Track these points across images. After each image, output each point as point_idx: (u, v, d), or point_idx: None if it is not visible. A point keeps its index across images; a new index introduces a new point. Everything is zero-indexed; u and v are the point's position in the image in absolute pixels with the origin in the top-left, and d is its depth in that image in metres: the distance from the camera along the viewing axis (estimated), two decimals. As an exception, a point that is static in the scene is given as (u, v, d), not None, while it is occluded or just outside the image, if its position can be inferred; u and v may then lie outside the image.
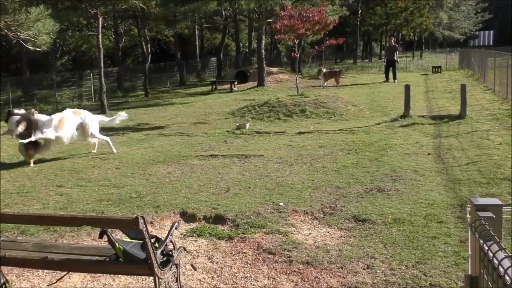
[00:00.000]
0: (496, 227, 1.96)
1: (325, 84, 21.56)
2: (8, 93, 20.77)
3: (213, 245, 4.84)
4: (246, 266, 4.34)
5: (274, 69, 26.92)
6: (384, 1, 37.13)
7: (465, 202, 5.42)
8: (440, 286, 3.78)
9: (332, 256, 4.39)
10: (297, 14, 16.14)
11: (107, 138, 9.77)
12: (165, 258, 3.35)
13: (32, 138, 8.59)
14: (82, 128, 9.32)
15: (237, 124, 12.44)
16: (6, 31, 10.11)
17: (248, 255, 4.55)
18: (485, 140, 9.01)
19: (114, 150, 9.64)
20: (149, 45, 25.19)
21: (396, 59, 22.13)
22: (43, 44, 10.93)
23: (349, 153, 8.61)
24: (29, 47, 11.21)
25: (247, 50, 35.21)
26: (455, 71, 27.18)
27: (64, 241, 4.97)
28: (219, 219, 5.51)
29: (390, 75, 21.99)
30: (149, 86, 24.02)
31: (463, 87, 11.62)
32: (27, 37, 10.37)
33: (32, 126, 8.58)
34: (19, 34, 10.15)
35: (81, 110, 9.78)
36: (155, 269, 3.13)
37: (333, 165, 7.76)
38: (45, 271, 4.24)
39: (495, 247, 1.71)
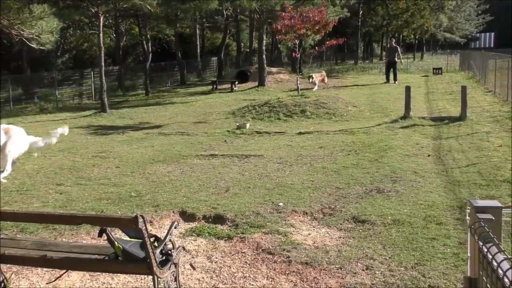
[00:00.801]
0: (495, 229, 1.96)
1: (317, 88, 20.20)
2: (9, 91, 20.76)
3: (212, 244, 4.84)
4: (245, 266, 4.34)
5: (274, 69, 26.91)
6: (385, 1, 37.12)
7: (465, 204, 5.42)
8: (439, 288, 3.78)
9: (331, 257, 4.39)
10: (298, 15, 16.15)
11: (8, 171, 7.62)
12: (164, 257, 3.35)
13: None
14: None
15: (237, 124, 12.44)
16: (9, 29, 10.11)
17: (247, 255, 4.55)
18: (485, 142, 9.01)
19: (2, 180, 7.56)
20: (150, 44, 25.18)
21: (399, 59, 22.16)
22: (47, 42, 10.93)
23: (349, 154, 8.61)
24: (34, 45, 11.21)
25: (248, 50, 35.21)
26: (456, 72, 27.18)
27: (64, 239, 4.97)
28: (218, 219, 5.52)
29: (391, 76, 21.99)
30: (149, 85, 24.03)
31: (463, 89, 11.61)
32: (30, 36, 10.37)
33: None
34: (22, 32, 10.15)
35: (12, 127, 7.84)
36: (154, 268, 3.13)
37: (333, 165, 7.76)
38: (44, 269, 4.24)
39: (494, 249, 1.71)
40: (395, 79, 21.71)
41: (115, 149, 10.15)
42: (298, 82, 17.13)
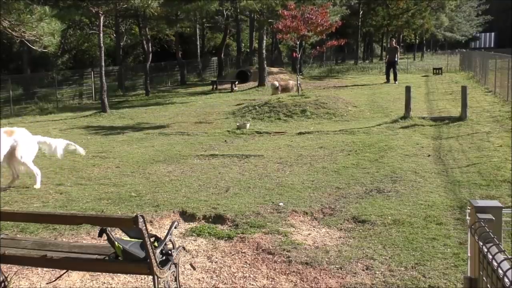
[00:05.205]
0: (495, 229, 1.96)
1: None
2: (9, 91, 20.76)
3: (212, 244, 4.84)
4: (245, 266, 4.34)
5: (274, 69, 26.93)
6: (385, 1, 37.13)
7: (465, 204, 5.42)
8: (439, 288, 3.78)
9: (331, 257, 4.39)
10: (300, 15, 16.12)
11: (38, 171, 7.37)
12: (164, 257, 3.35)
13: None
14: (11, 151, 7.10)
15: (238, 124, 12.44)
16: (10, 31, 10.11)
17: (248, 255, 4.55)
18: (485, 142, 9.01)
19: (39, 186, 7.24)
20: (150, 44, 25.18)
21: (396, 60, 22.17)
22: (50, 45, 10.93)
23: (349, 154, 8.61)
24: (36, 48, 11.20)
25: (248, 50, 35.22)
26: (456, 72, 27.18)
27: (64, 239, 4.97)
28: (218, 219, 5.52)
29: (391, 76, 22.00)
30: (149, 85, 24.03)
31: (463, 88, 11.61)
32: (32, 38, 10.37)
33: None
34: (23, 34, 10.15)
35: (16, 129, 7.40)
36: (154, 268, 3.13)
37: (333, 165, 7.76)
38: (44, 269, 4.24)
39: (494, 249, 1.71)
40: (395, 79, 21.72)
41: (115, 149, 10.15)
42: (299, 82, 17.13)
